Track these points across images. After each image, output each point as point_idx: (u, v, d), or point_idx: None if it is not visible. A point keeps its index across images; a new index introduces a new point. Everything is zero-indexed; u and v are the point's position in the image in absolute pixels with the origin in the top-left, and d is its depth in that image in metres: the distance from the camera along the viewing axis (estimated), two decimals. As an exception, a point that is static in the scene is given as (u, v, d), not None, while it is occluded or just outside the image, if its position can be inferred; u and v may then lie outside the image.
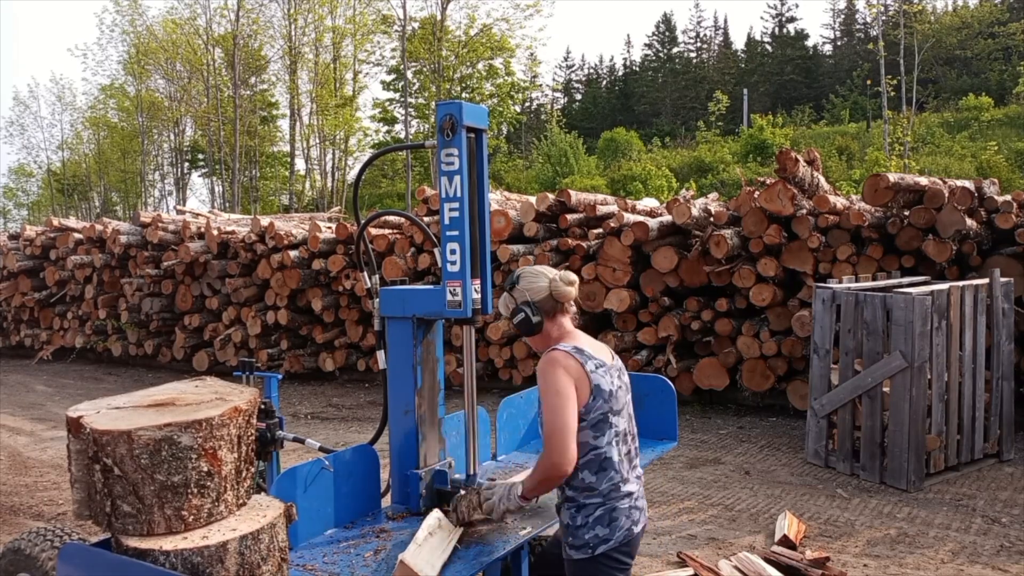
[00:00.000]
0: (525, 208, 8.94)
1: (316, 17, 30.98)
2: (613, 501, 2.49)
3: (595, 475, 2.48)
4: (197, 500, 2.09)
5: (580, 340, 2.57)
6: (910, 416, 5.55)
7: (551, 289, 2.58)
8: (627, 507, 2.51)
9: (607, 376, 2.50)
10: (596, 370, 2.47)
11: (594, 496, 2.48)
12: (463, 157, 2.77)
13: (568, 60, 62.58)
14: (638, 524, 2.54)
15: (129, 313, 11.61)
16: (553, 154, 29.39)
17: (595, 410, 2.45)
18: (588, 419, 2.45)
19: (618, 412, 2.52)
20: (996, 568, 4.35)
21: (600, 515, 2.48)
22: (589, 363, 2.47)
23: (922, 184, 7.17)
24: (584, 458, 2.47)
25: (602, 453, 2.48)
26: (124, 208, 39.63)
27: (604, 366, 2.52)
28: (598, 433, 2.47)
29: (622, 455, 2.53)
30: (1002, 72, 37.08)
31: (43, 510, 5.72)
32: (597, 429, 2.46)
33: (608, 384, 2.49)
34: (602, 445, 2.48)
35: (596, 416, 2.46)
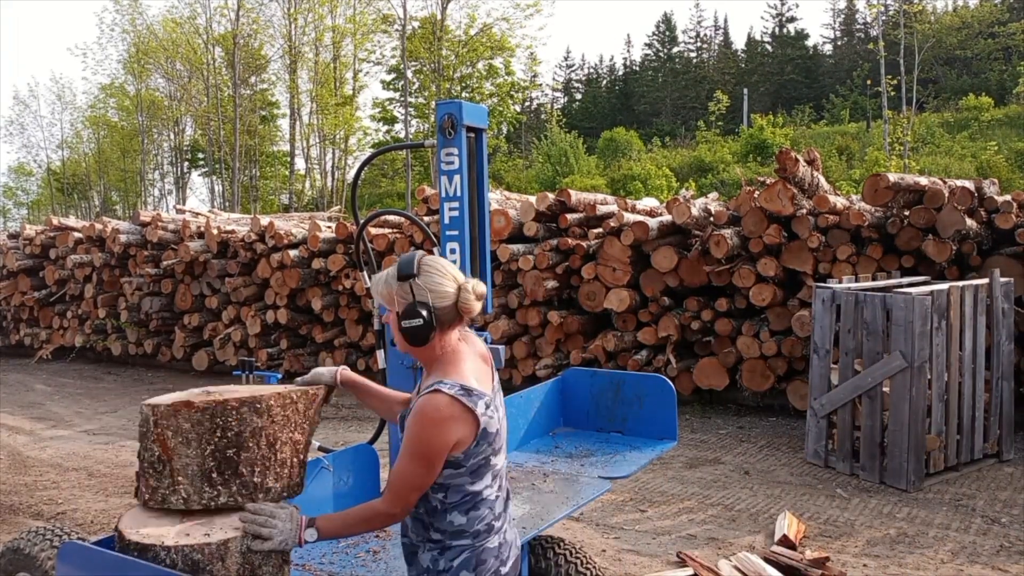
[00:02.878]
0: (525, 208, 8.93)
1: (316, 16, 30.97)
2: (482, 541, 2.17)
3: (465, 516, 2.15)
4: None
5: (462, 365, 2.14)
6: (910, 416, 5.55)
7: (458, 298, 2.12)
8: (495, 545, 2.20)
9: (496, 413, 2.15)
10: (486, 411, 2.09)
11: (463, 538, 2.16)
12: (463, 156, 2.77)
13: (568, 60, 62.61)
14: (507, 563, 2.22)
15: (129, 312, 11.60)
16: (553, 154, 29.37)
17: (476, 455, 2.11)
18: (467, 466, 2.11)
19: (498, 451, 2.18)
20: (996, 568, 4.35)
21: (467, 558, 2.16)
22: (479, 405, 2.07)
23: (922, 184, 7.17)
24: (456, 501, 2.14)
25: (478, 495, 2.16)
26: (124, 207, 39.61)
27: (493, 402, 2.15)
28: (476, 479, 2.14)
29: (500, 493, 2.23)
30: (1002, 72, 37.08)
31: (42, 509, 5.72)
32: (476, 475, 2.14)
33: (495, 424, 2.14)
34: (479, 488, 2.16)
35: (477, 462, 2.12)
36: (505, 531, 2.24)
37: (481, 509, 2.17)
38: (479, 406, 2.07)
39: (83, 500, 5.92)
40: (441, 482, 2.12)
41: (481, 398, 2.09)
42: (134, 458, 6.97)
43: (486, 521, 2.18)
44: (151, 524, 2.16)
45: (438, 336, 2.13)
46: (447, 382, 2.07)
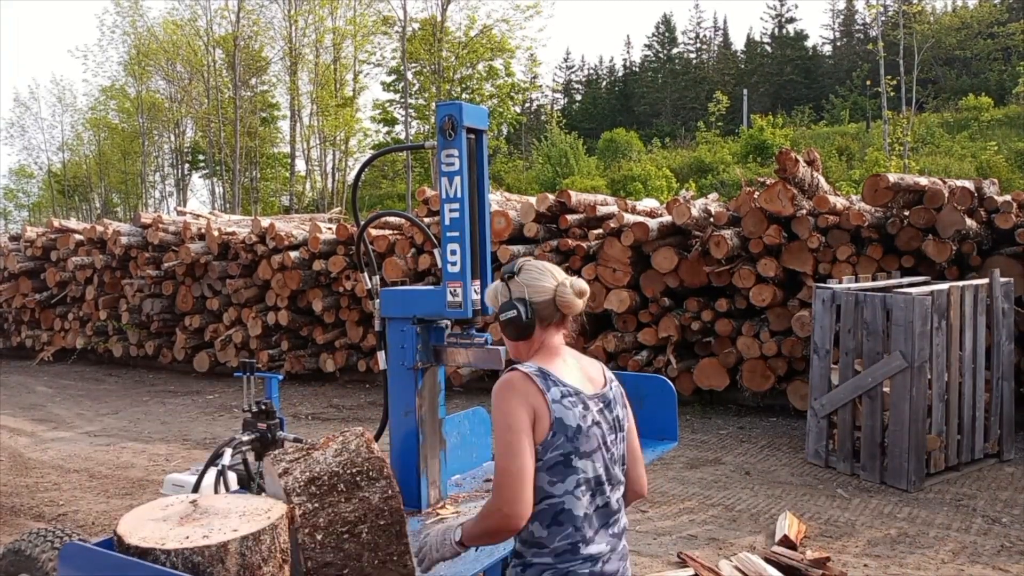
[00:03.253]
0: (525, 209, 8.94)
1: (316, 18, 31.00)
2: (568, 564, 2.00)
3: (546, 529, 2.00)
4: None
5: (556, 360, 2.10)
6: (910, 416, 5.55)
7: (556, 294, 2.09)
8: (586, 572, 2.01)
9: (576, 408, 2.01)
10: (561, 399, 1.99)
11: (543, 554, 2.01)
12: (463, 158, 2.77)
13: (568, 61, 62.60)
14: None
15: (130, 314, 11.61)
16: (553, 155, 29.39)
17: (553, 449, 1.97)
18: (544, 459, 1.98)
19: (587, 455, 2.01)
20: (996, 568, 4.35)
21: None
22: (553, 390, 1.99)
23: (922, 184, 7.17)
24: (536, 507, 1.99)
25: (558, 504, 2.00)
26: (125, 209, 39.65)
27: (576, 395, 2.03)
28: (555, 478, 1.99)
29: (589, 509, 2.03)
30: (1002, 72, 37.08)
31: (44, 511, 5.73)
32: (554, 473, 1.99)
33: (575, 419, 2.00)
34: (559, 493, 1.99)
35: (554, 457, 1.98)
36: (604, 561, 2.04)
37: (565, 525, 2.00)
38: (552, 391, 1.99)
39: (84, 501, 5.93)
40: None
41: (559, 385, 2.01)
42: (135, 460, 7.00)
43: (571, 540, 2.00)
44: (150, 527, 2.16)
45: (538, 331, 2.10)
46: (525, 364, 2.05)
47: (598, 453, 2.04)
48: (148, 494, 5.96)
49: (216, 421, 8.60)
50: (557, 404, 1.98)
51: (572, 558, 2.00)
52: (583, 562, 2.01)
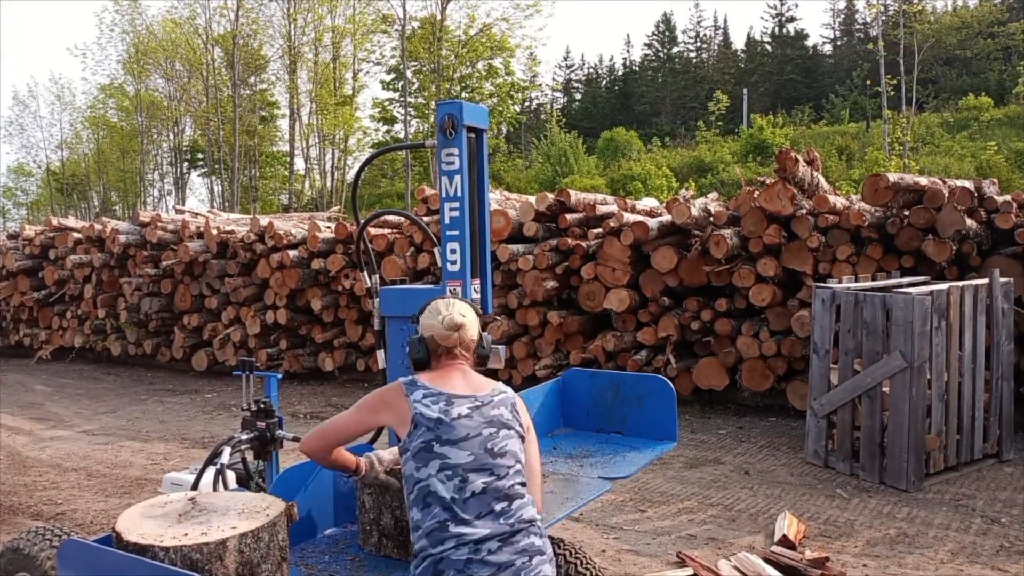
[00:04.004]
0: (525, 208, 8.93)
1: (316, 16, 30.98)
2: (441, 547, 2.13)
3: (420, 512, 2.22)
4: None
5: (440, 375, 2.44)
6: (910, 416, 5.55)
7: (434, 331, 2.49)
8: (462, 559, 2.10)
9: (438, 404, 2.31)
10: (423, 399, 2.33)
11: (420, 537, 2.19)
12: (464, 157, 2.77)
13: (568, 60, 62.58)
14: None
15: (128, 313, 11.60)
16: (553, 154, 29.38)
17: (417, 438, 2.28)
18: (410, 448, 2.28)
19: (451, 442, 2.25)
20: (996, 568, 4.35)
21: (425, 566, 2.14)
22: (416, 393, 2.35)
23: (922, 184, 7.17)
24: (411, 494, 2.26)
25: (425, 486, 2.23)
26: (123, 207, 39.61)
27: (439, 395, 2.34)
28: (420, 463, 2.25)
29: (457, 493, 2.19)
30: (1002, 72, 37.10)
31: (42, 509, 5.72)
32: (419, 459, 2.26)
33: (435, 412, 2.29)
34: (424, 477, 2.23)
35: (417, 444, 2.27)
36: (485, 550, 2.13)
37: (432, 505, 2.20)
38: (415, 394, 2.36)
39: (82, 500, 5.92)
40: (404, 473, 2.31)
41: (423, 389, 2.37)
42: (133, 458, 6.99)
43: (439, 519, 2.16)
44: (149, 524, 2.16)
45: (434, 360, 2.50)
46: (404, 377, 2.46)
47: (467, 443, 2.27)
48: (146, 493, 5.95)
49: (215, 420, 8.59)
50: (418, 403, 2.33)
51: (442, 536, 2.15)
52: (455, 544, 2.13)
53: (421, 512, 2.20)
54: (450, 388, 2.38)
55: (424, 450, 2.25)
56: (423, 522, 2.18)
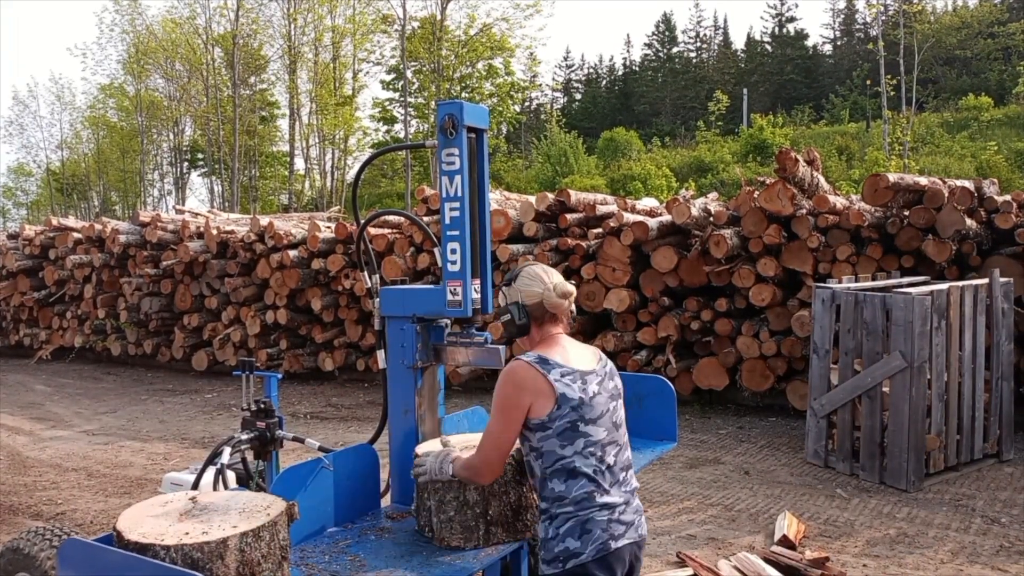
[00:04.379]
0: (525, 208, 8.94)
1: (316, 16, 30.97)
2: (588, 511, 2.34)
3: (564, 484, 2.36)
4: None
5: (554, 348, 2.47)
6: (910, 416, 5.55)
7: (543, 298, 2.48)
8: (605, 519, 2.35)
9: (576, 384, 2.38)
10: (562, 378, 2.36)
11: (565, 505, 2.35)
12: (464, 157, 2.77)
13: (568, 60, 62.57)
14: (619, 539, 2.35)
15: (128, 313, 11.60)
16: (553, 154, 29.38)
17: (560, 419, 2.34)
18: (553, 428, 2.35)
19: (592, 420, 2.38)
20: (995, 568, 4.35)
21: (571, 526, 2.33)
22: (554, 372, 2.37)
23: (922, 184, 7.17)
24: (552, 467, 2.37)
25: (570, 463, 2.35)
26: (123, 208, 39.62)
27: (573, 373, 2.40)
28: (565, 442, 2.35)
29: (599, 466, 2.38)
30: (1002, 72, 37.10)
31: (42, 509, 5.72)
32: (564, 438, 2.35)
33: (577, 392, 2.37)
34: (569, 454, 2.35)
35: (562, 425, 2.34)
36: (620, 511, 2.38)
37: (579, 479, 2.34)
38: (552, 373, 2.36)
39: (82, 500, 5.92)
40: (536, 446, 2.38)
41: (557, 367, 2.38)
42: (133, 458, 6.99)
43: (586, 490, 2.34)
44: (149, 524, 2.16)
45: (534, 328, 2.51)
46: (527, 354, 2.44)
47: (602, 419, 2.41)
48: (146, 493, 5.95)
49: (215, 420, 8.59)
50: (559, 382, 2.35)
51: (589, 505, 2.34)
52: (600, 509, 2.35)
53: (564, 484, 2.35)
54: (576, 364, 2.44)
55: (569, 430, 2.35)
56: (568, 492, 2.35)
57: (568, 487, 2.35)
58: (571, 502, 2.34)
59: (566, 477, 2.35)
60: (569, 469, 2.35)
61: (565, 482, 2.35)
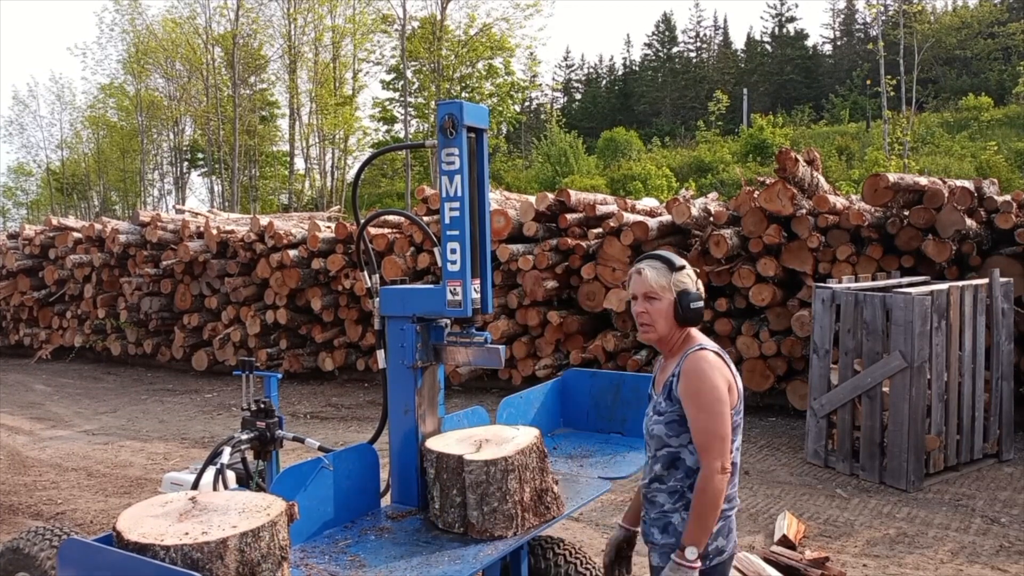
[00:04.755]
0: (525, 208, 8.94)
1: (316, 16, 30.98)
2: (731, 511, 2.39)
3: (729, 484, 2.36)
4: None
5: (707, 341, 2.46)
6: (909, 416, 5.55)
7: (699, 289, 2.49)
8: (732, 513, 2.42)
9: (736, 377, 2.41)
10: (733, 371, 2.39)
11: (726, 505, 2.35)
12: (464, 157, 2.77)
13: (568, 60, 62.58)
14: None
15: (128, 312, 11.60)
16: (553, 154, 29.39)
17: (737, 414, 2.37)
18: (733, 423, 2.35)
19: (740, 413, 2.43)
20: (995, 568, 4.35)
21: (721, 526, 2.35)
22: (732, 365, 2.40)
23: (922, 184, 7.17)
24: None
25: (733, 459, 2.36)
26: (123, 207, 39.61)
27: (729, 365, 2.42)
28: (735, 438, 2.37)
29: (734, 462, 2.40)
30: (1002, 72, 37.12)
31: (42, 509, 5.72)
32: (735, 434, 2.36)
33: (742, 384, 2.41)
34: (733, 449, 2.36)
35: (737, 420, 2.37)
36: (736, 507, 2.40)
37: (735, 476, 2.35)
38: (733, 367, 2.39)
39: (82, 500, 5.92)
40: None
41: (729, 364, 2.38)
42: (133, 458, 6.99)
43: (734, 490, 2.37)
44: (149, 523, 2.16)
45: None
46: (708, 344, 2.39)
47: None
48: (146, 492, 5.95)
49: (214, 420, 8.59)
50: (739, 377, 2.39)
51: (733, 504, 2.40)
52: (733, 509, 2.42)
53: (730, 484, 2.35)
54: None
55: (738, 426, 2.38)
56: (730, 490, 2.34)
57: (729, 486, 2.34)
58: (728, 499, 2.34)
59: (732, 472, 2.34)
60: (733, 464, 2.34)
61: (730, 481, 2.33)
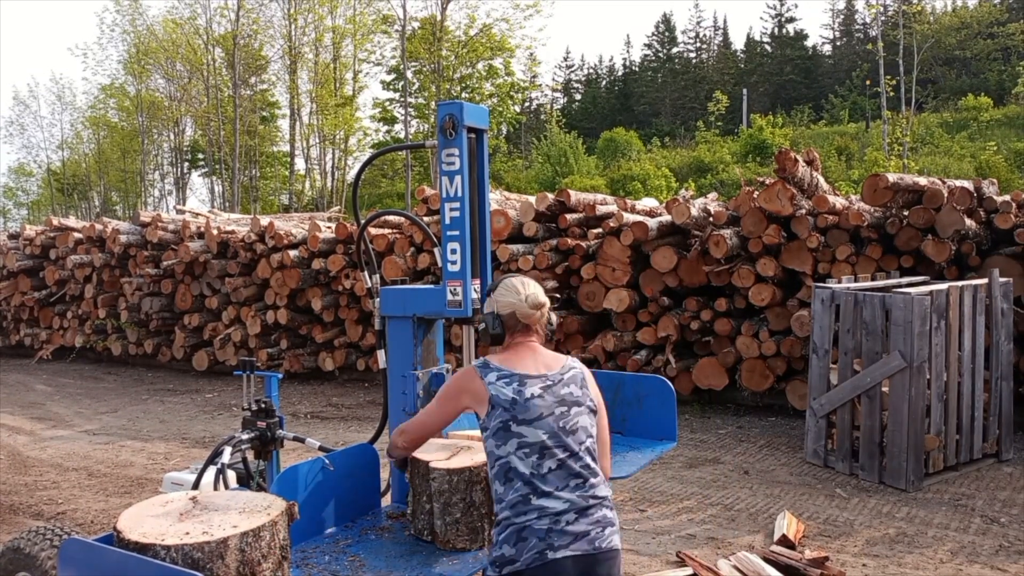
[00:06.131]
0: (525, 208, 8.94)
1: (316, 17, 30.96)
2: (523, 518, 2.31)
3: (503, 486, 2.38)
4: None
5: (509, 355, 2.54)
6: (909, 416, 5.55)
7: (516, 308, 2.56)
8: (543, 528, 2.29)
9: (512, 386, 2.42)
10: (496, 381, 2.44)
11: (504, 508, 2.36)
12: (464, 157, 2.78)
13: (568, 60, 62.58)
14: (559, 550, 2.27)
15: (129, 312, 11.61)
16: (553, 154, 29.38)
17: (494, 418, 2.40)
18: (490, 428, 2.42)
19: (526, 421, 2.38)
20: (995, 568, 4.36)
21: (509, 532, 2.32)
22: (490, 375, 2.45)
23: (921, 184, 7.18)
24: (493, 469, 2.42)
25: (505, 463, 2.38)
26: (124, 208, 39.60)
27: (512, 376, 2.45)
28: (499, 442, 2.39)
29: (537, 469, 2.34)
30: (1001, 72, 37.11)
31: (42, 509, 5.72)
32: (498, 438, 2.40)
33: (510, 393, 2.41)
34: (504, 454, 2.38)
35: (496, 424, 2.40)
36: (564, 520, 2.30)
37: (514, 481, 2.35)
38: (489, 376, 2.46)
39: (83, 500, 5.93)
40: (487, 450, 2.45)
41: (497, 371, 2.47)
42: (133, 458, 7.00)
43: (521, 493, 2.33)
44: (149, 523, 2.17)
45: (508, 336, 2.59)
46: (478, 360, 2.55)
47: (541, 422, 2.39)
48: (147, 492, 5.96)
49: (215, 420, 8.60)
50: (492, 385, 2.43)
51: (524, 508, 2.32)
52: (537, 515, 2.31)
53: (503, 486, 2.37)
54: (522, 368, 2.49)
55: (502, 429, 2.39)
56: (506, 495, 2.36)
57: (506, 489, 2.37)
58: (508, 505, 2.34)
59: (504, 479, 2.38)
60: (506, 469, 2.37)
61: (504, 484, 2.38)
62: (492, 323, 2.58)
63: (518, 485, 2.34)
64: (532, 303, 2.56)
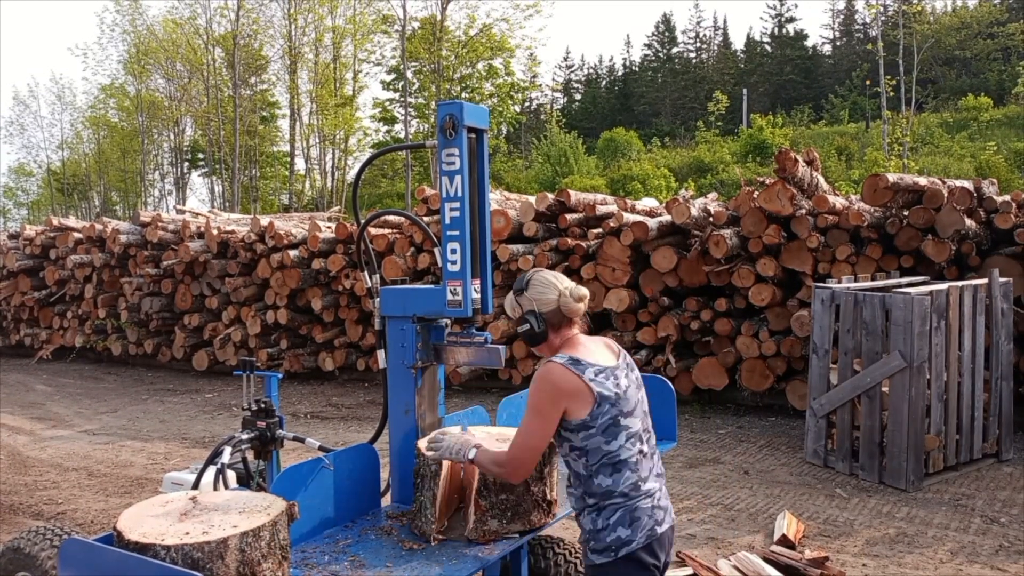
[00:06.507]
0: (525, 208, 8.94)
1: (316, 17, 30.96)
2: (634, 500, 2.42)
3: (611, 478, 2.42)
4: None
5: (580, 348, 2.50)
6: (909, 416, 5.55)
7: (560, 303, 2.51)
8: (649, 506, 2.44)
9: (610, 380, 2.43)
10: (596, 377, 2.41)
11: (614, 497, 2.42)
12: (464, 157, 2.78)
13: (568, 60, 62.59)
14: (662, 524, 2.46)
15: (129, 312, 11.61)
16: (553, 154, 29.38)
17: (602, 416, 2.40)
18: (596, 426, 2.40)
19: (629, 413, 2.45)
20: (995, 568, 4.36)
21: (621, 516, 2.41)
22: (588, 372, 2.41)
23: (921, 184, 7.18)
24: (598, 463, 2.42)
25: (615, 456, 2.42)
26: (124, 207, 39.60)
27: (605, 370, 2.45)
28: (609, 438, 2.41)
29: (638, 454, 2.46)
30: (1001, 72, 37.11)
31: (42, 509, 5.73)
32: (608, 434, 2.41)
33: (612, 388, 2.42)
34: (615, 449, 2.42)
35: (605, 422, 2.40)
36: (658, 497, 2.48)
37: (623, 471, 2.43)
38: (587, 373, 2.41)
39: (83, 500, 5.93)
40: (580, 446, 2.43)
41: (590, 367, 2.43)
42: (133, 458, 7.00)
43: (631, 481, 2.43)
44: (150, 523, 2.17)
45: (552, 333, 2.53)
46: (559, 356, 2.46)
47: (636, 410, 2.50)
48: (147, 492, 5.96)
49: (215, 419, 8.60)
50: (594, 382, 2.40)
51: (636, 495, 2.44)
52: (644, 497, 2.45)
53: (611, 477, 2.43)
54: (602, 360, 2.50)
55: (612, 425, 2.41)
56: (616, 485, 2.42)
57: (615, 480, 2.42)
58: (619, 494, 2.42)
59: (612, 471, 2.42)
60: (615, 463, 2.42)
61: (611, 476, 2.42)
62: (537, 322, 2.50)
63: (627, 474, 2.43)
64: (576, 295, 2.54)
